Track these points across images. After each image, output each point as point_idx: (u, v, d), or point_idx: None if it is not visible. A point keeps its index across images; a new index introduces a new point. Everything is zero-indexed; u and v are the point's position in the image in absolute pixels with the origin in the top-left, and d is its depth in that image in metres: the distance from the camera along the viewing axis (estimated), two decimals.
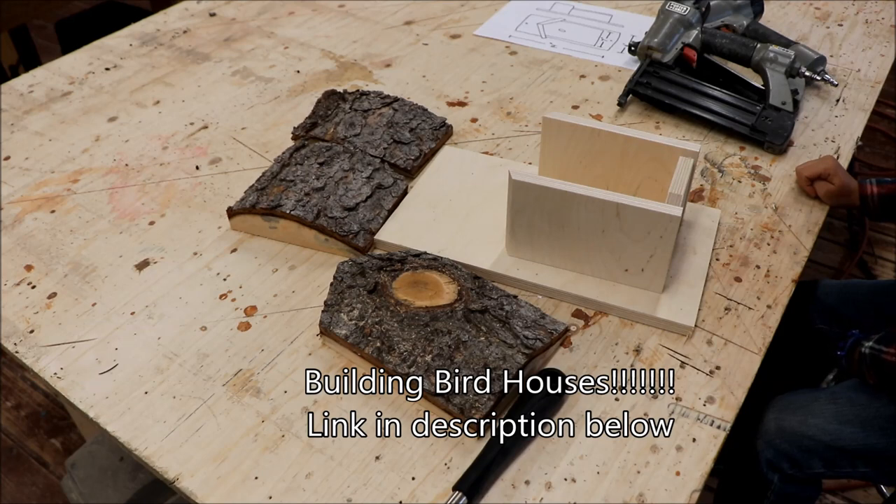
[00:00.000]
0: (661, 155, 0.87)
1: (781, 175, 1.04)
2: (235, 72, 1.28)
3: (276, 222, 0.91)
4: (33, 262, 0.92)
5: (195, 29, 1.42)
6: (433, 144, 1.06)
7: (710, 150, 1.09)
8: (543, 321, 0.77)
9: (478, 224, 0.92)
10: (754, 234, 0.94)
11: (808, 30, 1.40)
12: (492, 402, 0.69)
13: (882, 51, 1.34)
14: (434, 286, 0.79)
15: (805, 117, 1.16)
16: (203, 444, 0.71)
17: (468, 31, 1.39)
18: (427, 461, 0.69)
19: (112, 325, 0.83)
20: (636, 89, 1.15)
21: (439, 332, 0.74)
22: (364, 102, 1.09)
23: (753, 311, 0.84)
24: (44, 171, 1.06)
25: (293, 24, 1.43)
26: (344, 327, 0.77)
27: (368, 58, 1.31)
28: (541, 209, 0.81)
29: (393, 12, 1.46)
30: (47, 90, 1.25)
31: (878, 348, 0.91)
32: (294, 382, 0.76)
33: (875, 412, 0.96)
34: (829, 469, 0.98)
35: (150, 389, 0.76)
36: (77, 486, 1.24)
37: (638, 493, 0.67)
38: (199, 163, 1.07)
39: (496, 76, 1.26)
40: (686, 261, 0.88)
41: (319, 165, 0.96)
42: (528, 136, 1.12)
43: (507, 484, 0.67)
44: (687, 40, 1.20)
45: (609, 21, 1.43)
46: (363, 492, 0.67)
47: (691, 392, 0.75)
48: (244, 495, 0.67)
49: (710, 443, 0.71)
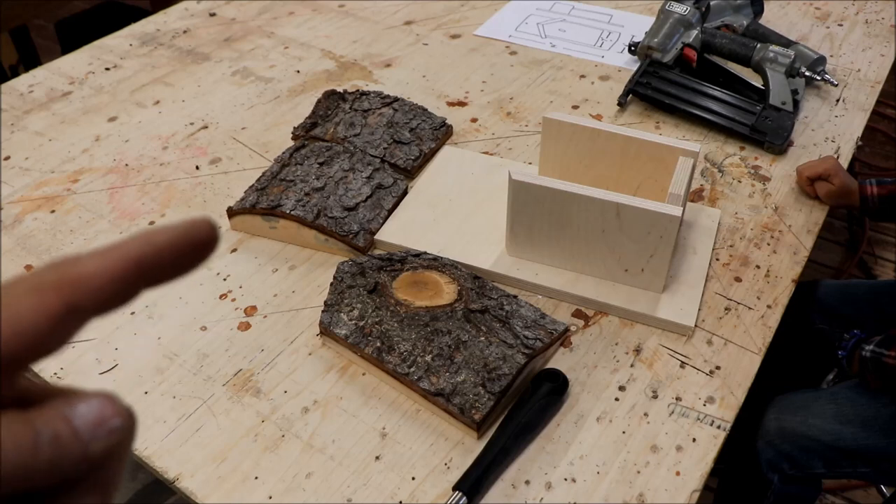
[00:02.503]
0: (661, 155, 0.87)
1: (781, 175, 1.04)
2: (235, 72, 1.28)
3: (276, 222, 0.91)
4: (33, 262, 0.92)
5: (195, 29, 1.42)
6: (433, 144, 1.06)
7: (710, 150, 1.09)
8: (543, 321, 0.77)
9: (478, 224, 0.92)
10: (754, 234, 0.94)
11: (808, 30, 1.40)
12: (492, 402, 0.69)
13: (882, 51, 1.34)
14: (434, 286, 0.79)
15: (805, 117, 1.16)
16: (203, 444, 0.71)
17: (468, 31, 1.39)
18: (427, 461, 0.69)
19: (112, 325, 0.83)
20: (636, 89, 1.15)
21: (439, 332, 0.74)
22: (364, 102, 1.09)
23: (753, 311, 0.84)
24: (44, 171, 1.06)
25: (293, 24, 1.43)
26: (344, 327, 0.77)
27: (368, 58, 1.31)
28: (541, 209, 0.81)
29: (393, 12, 1.46)
30: (47, 90, 1.25)
31: (879, 351, 0.91)
32: (294, 382, 0.76)
33: (875, 412, 0.96)
34: (829, 469, 0.98)
35: (150, 389, 0.76)
36: None
37: (638, 493, 0.67)
38: (199, 163, 1.07)
39: (496, 76, 1.26)
40: (686, 261, 0.88)
41: (319, 165, 0.96)
42: (528, 136, 1.12)
43: (507, 484, 0.67)
44: (687, 40, 1.20)
45: (609, 21, 1.43)
46: (363, 492, 0.67)
47: (691, 392, 0.75)
48: (244, 495, 0.67)
49: (710, 443, 0.71)
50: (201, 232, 0.22)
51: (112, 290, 0.20)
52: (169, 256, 0.21)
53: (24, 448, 0.18)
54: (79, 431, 0.19)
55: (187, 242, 0.22)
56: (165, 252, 0.21)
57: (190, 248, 0.22)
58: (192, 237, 0.22)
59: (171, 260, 0.21)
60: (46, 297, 0.20)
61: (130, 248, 0.21)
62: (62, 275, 0.20)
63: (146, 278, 0.21)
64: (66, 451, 0.18)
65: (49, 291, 0.20)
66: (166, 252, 0.21)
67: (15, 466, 0.17)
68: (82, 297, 0.20)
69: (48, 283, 0.20)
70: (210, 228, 0.22)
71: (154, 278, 0.21)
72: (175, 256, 0.21)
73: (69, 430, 0.19)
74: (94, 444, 0.19)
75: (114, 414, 0.20)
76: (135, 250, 0.21)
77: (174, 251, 0.21)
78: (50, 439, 0.18)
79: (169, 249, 0.21)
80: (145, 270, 0.21)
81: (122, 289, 0.21)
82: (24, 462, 0.18)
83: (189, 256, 0.22)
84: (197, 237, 0.22)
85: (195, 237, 0.22)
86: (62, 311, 0.20)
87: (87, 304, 0.20)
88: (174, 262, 0.22)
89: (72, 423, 0.19)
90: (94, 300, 0.20)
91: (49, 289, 0.20)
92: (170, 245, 0.21)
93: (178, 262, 0.22)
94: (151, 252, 0.21)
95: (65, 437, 0.18)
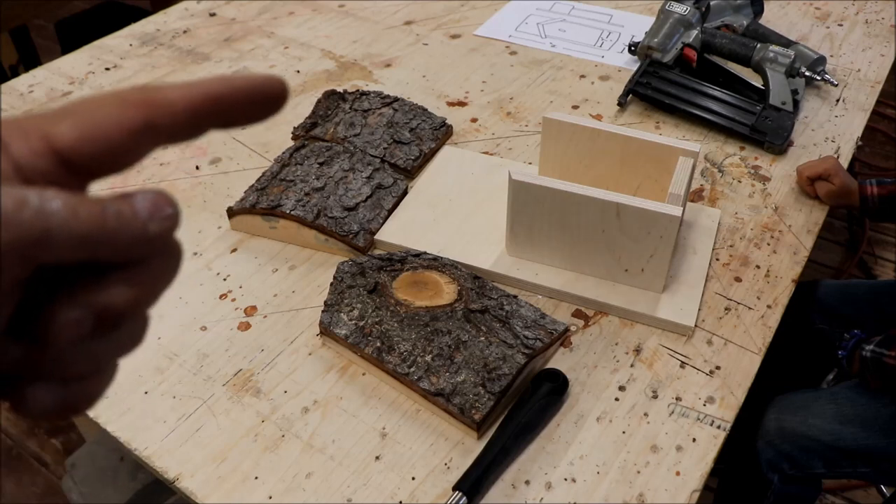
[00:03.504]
0: (661, 155, 0.87)
1: (781, 175, 1.04)
2: (235, 72, 1.28)
3: (276, 222, 0.91)
4: None
5: (195, 29, 1.42)
6: (433, 144, 1.06)
7: (710, 150, 1.09)
8: (543, 321, 0.77)
9: (478, 224, 0.92)
10: (754, 234, 0.94)
11: (808, 30, 1.40)
12: (492, 402, 0.69)
13: (882, 51, 1.34)
14: (434, 286, 0.79)
15: (805, 117, 1.16)
16: (203, 444, 0.71)
17: (468, 31, 1.39)
18: (427, 461, 0.69)
19: None
20: (636, 89, 1.15)
21: (439, 332, 0.74)
22: (364, 102, 1.09)
23: (753, 311, 0.84)
24: None
25: (293, 24, 1.43)
26: (344, 327, 0.77)
27: (368, 58, 1.31)
28: (541, 209, 0.81)
29: (393, 12, 1.46)
30: (47, 90, 1.25)
31: (879, 351, 0.91)
32: (294, 382, 0.76)
33: (875, 412, 0.96)
34: (829, 469, 0.98)
35: (150, 389, 0.76)
36: (77, 486, 1.24)
37: (638, 493, 0.67)
38: (199, 163, 1.07)
39: (496, 76, 1.26)
40: (686, 261, 0.88)
41: (319, 165, 0.96)
42: (528, 136, 1.12)
43: (507, 484, 0.67)
44: (687, 40, 1.20)
45: (609, 21, 1.43)
46: (363, 492, 0.67)
47: (691, 392, 0.75)
48: (244, 495, 0.67)
49: (710, 443, 0.71)
50: (274, 86, 0.24)
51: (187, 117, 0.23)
52: (243, 99, 0.24)
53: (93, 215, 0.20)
54: (138, 211, 0.21)
55: (260, 91, 0.24)
56: (241, 94, 0.24)
57: (261, 96, 0.24)
58: (265, 87, 0.24)
59: (244, 103, 0.24)
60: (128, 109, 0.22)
61: (210, 83, 0.23)
62: (146, 94, 0.22)
63: (219, 115, 0.24)
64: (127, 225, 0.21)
65: (131, 105, 0.22)
66: (241, 94, 0.24)
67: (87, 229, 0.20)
68: (161, 117, 0.22)
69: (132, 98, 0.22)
70: (281, 85, 0.24)
71: (225, 118, 0.24)
72: (247, 101, 0.24)
73: (131, 209, 0.21)
74: (151, 225, 0.21)
75: (167, 203, 0.22)
76: (214, 87, 0.23)
77: (248, 96, 0.24)
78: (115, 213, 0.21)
79: (244, 92, 0.24)
80: (219, 107, 0.23)
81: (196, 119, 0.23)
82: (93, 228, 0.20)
83: (259, 104, 0.24)
84: (270, 89, 0.24)
85: (268, 88, 0.24)
86: (140, 124, 0.22)
87: (163, 125, 0.22)
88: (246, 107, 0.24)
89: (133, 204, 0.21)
90: (171, 122, 0.23)
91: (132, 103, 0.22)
92: (245, 89, 0.24)
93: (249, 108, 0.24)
94: (227, 91, 0.23)
95: (127, 213, 0.21)
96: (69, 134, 0.22)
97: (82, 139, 0.22)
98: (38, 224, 0.19)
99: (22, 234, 0.19)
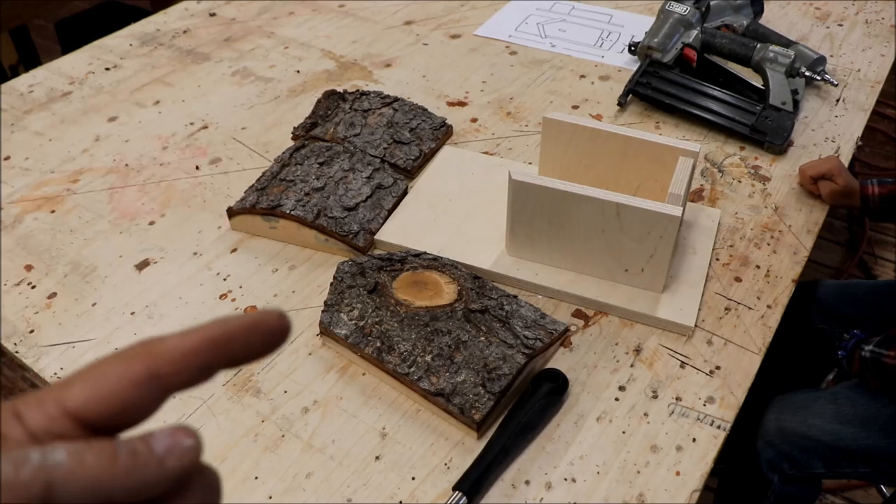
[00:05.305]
0: (661, 155, 0.87)
1: (781, 175, 1.04)
2: (235, 72, 1.28)
3: (276, 222, 0.91)
4: (33, 262, 0.92)
5: (195, 29, 1.42)
6: (433, 144, 1.06)
7: (710, 150, 1.09)
8: (543, 321, 0.77)
9: (478, 224, 0.92)
10: (754, 234, 0.94)
11: (808, 30, 1.40)
12: (492, 402, 0.69)
13: (882, 51, 1.34)
14: (434, 286, 0.79)
15: (805, 117, 1.16)
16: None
17: (468, 31, 1.39)
18: (427, 461, 0.69)
19: (112, 325, 0.83)
20: (636, 89, 1.15)
21: (439, 332, 0.74)
22: (364, 102, 1.09)
23: (753, 311, 0.84)
24: (44, 171, 1.06)
25: (293, 24, 1.43)
26: (344, 327, 0.77)
27: (368, 58, 1.31)
28: (541, 209, 0.81)
29: (393, 12, 1.46)
30: (47, 90, 1.25)
31: (878, 352, 0.91)
32: (294, 382, 0.76)
33: (875, 412, 0.96)
34: (829, 469, 0.98)
35: None
36: None
37: (638, 493, 0.67)
38: (199, 163, 1.07)
39: (496, 76, 1.26)
40: (686, 261, 0.88)
41: (319, 165, 0.96)
42: (528, 136, 1.12)
43: (507, 484, 0.67)
44: (687, 40, 1.20)
45: (609, 21, 1.43)
46: (363, 492, 0.67)
47: (691, 392, 0.75)
48: (244, 495, 0.67)
49: (710, 443, 0.71)
50: (271, 321, 0.25)
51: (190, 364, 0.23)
52: (242, 339, 0.24)
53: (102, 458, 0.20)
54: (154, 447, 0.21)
55: (257, 329, 0.24)
56: (237, 334, 0.24)
57: (259, 334, 0.25)
58: (262, 325, 0.25)
59: (243, 342, 0.24)
60: (131, 363, 0.23)
61: (207, 329, 0.24)
62: (146, 347, 0.23)
63: (222, 358, 0.24)
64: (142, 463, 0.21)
65: (133, 359, 0.23)
66: (238, 334, 0.24)
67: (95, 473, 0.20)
68: (163, 367, 0.23)
69: (133, 353, 0.23)
70: (279, 319, 0.25)
71: (229, 359, 0.24)
72: (246, 339, 0.24)
73: (146, 447, 0.21)
74: (169, 461, 0.21)
75: (186, 435, 0.22)
76: (211, 331, 0.24)
77: (246, 335, 0.24)
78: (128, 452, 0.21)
79: (242, 332, 0.24)
80: (219, 349, 0.24)
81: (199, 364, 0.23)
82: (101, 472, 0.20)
83: (259, 341, 0.25)
84: (267, 326, 0.25)
85: (265, 325, 0.25)
86: (143, 376, 0.23)
87: (167, 374, 0.23)
88: (245, 346, 0.24)
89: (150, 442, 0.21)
90: (175, 371, 0.23)
91: (133, 357, 0.23)
92: (243, 329, 0.24)
93: (249, 346, 0.24)
94: (224, 334, 0.24)
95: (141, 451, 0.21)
96: (80, 395, 0.22)
97: (92, 398, 0.22)
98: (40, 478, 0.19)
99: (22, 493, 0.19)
